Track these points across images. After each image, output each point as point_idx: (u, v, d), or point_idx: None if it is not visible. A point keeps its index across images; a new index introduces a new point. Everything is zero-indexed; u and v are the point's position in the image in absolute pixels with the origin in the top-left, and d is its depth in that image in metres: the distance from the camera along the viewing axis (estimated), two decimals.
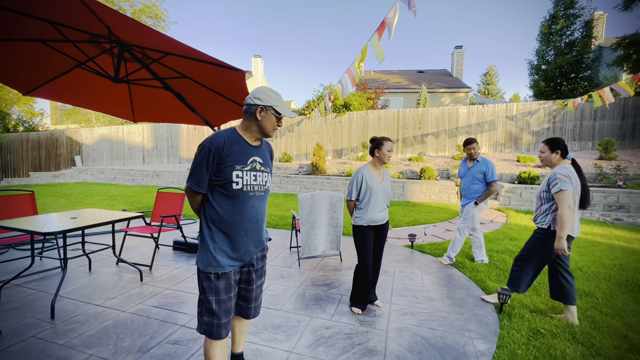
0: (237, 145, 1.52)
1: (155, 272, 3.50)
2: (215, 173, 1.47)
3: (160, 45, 2.71)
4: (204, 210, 1.55)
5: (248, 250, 1.58)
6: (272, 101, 1.54)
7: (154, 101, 3.89)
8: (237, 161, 1.50)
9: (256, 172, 1.57)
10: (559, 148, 2.63)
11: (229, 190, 1.49)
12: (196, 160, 1.47)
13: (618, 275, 3.59)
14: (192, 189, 1.50)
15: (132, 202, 8.18)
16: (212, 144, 1.45)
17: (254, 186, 1.55)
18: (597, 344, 2.25)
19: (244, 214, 1.54)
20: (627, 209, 7.05)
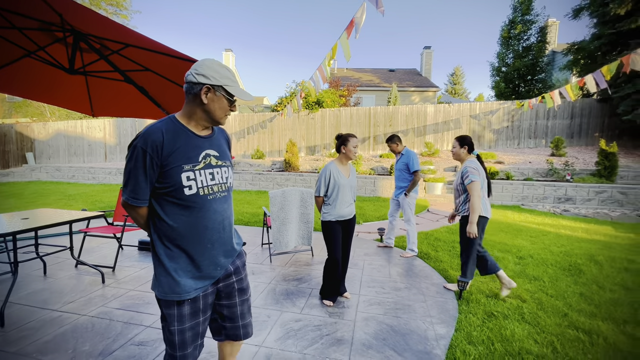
0: (182, 138, 1.19)
1: (119, 273, 3.36)
2: (158, 179, 1.16)
3: (120, 36, 2.59)
4: (154, 225, 1.22)
5: (217, 263, 1.29)
6: (222, 79, 1.20)
7: (115, 95, 3.71)
8: (185, 159, 1.18)
9: (212, 168, 1.26)
10: (466, 144, 3.02)
11: (180, 197, 1.18)
12: (128, 166, 1.14)
13: (563, 260, 3.95)
14: (129, 203, 1.17)
15: (93, 202, 7.72)
16: (147, 141, 1.11)
17: (212, 187, 1.25)
18: (542, 323, 2.49)
19: (207, 222, 1.24)
20: (573, 201, 7.74)
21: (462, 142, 3.05)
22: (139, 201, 1.17)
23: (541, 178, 8.91)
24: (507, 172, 8.73)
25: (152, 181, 1.16)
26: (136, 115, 4.29)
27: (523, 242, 4.72)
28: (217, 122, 1.27)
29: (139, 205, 1.19)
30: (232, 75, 1.24)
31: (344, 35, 4.38)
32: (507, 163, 10.14)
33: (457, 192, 3.05)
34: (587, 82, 6.75)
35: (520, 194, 8.07)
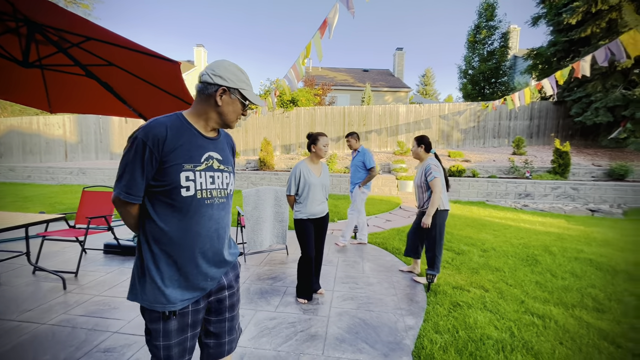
0: (186, 136, 1.14)
1: (83, 278, 3.19)
2: (155, 176, 1.09)
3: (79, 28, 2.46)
4: (143, 226, 1.14)
5: (207, 274, 1.20)
6: (239, 82, 1.18)
7: (75, 90, 3.51)
8: (187, 158, 1.12)
9: (213, 172, 1.19)
10: (423, 143, 3.23)
11: (176, 198, 1.10)
12: (125, 158, 1.07)
13: (522, 252, 4.25)
14: (121, 199, 1.09)
15: (52, 204, 7.23)
16: (149, 134, 1.06)
17: (211, 191, 1.18)
18: (501, 310, 2.67)
19: (200, 229, 1.15)
20: (532, 197, 8.30)
21: (419, 142, 3.25)
22: (132, 197, 1.09)
23: (504, 175, 9.48)
24: (473, 170, 9.20)
25: (148, 177, 1.09)
26: (100, 112, 4.07)
27: (487, 236, 5.01)
28: (228, 125, 1.24)
29: (132, 202, 1.10)
30: (247, 79, 1.22)
31: (317, 35, 4.42)
32: (474, 161, 10.67)
33: (420, 189, 3.22)
34: (544, 86, 7.26)
35: (485, 191, 8.55)
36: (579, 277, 3.44)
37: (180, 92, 3.16)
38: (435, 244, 3.09)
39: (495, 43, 17.44)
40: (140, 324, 2.33)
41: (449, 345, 2.16)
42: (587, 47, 10.45)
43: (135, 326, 2.32)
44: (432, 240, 3.11)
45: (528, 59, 13.87)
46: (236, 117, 1.23)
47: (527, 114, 12.62)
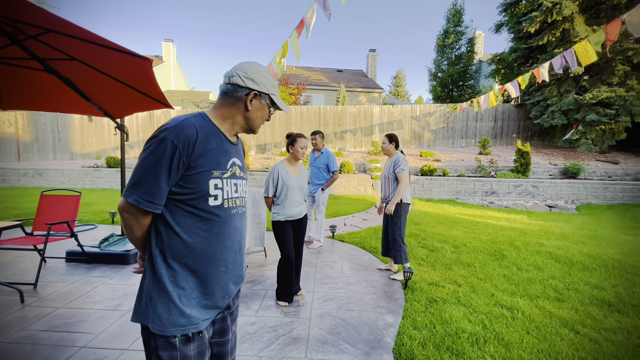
0: (214, 140, 1.06)
1: (43, 290, 2.95)
2: (179, 182, 0.99)
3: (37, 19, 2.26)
4: (159, 239, 1.02)
5: (228, 291, 1.11)
6: (271, 88, 1.14)
7: (32, 86, 3.23)
8: (215, 164, 1.04)
9: (237, 179, 1.14)
10: (393, 141, 3.45)
11: (202, 208, 1.02)
12: (149, 160, 0.94)
13: (490, 247, 4.49)
14: (138, 208, 0.96)
15: (4, 209, 6.61)
16: (180, 135, 0.96)
17: (235, 200, 1.12)
18: (474, 304, 2.81)
19: (226, 241, 1.08)
20: (497, 194, 8.80)
21: (390, 139, 3.46)
22: (154, 206, 0.97)
23: (472, 174, 9.97)
24: (444, 169, 9.59)
25: (171, 183, 0.98)
26: (60, 110, 3.79)
27: (458, 233, 5.25)
28: (252, 131, 1.19)
29: (154, 211, 0.98)
30: (275, 83, 1.18)
31: (294, 35, 4.39)
32: (444, 161, 11.13)
33: (387, 180, 3.40)
34: (507, 89, 7.73)
35: (455, 189, 8.94)
36: (541, 270, 3.70)
37: (151, 90, 3.02)
38: (399, 235, 3.30)
39: (463, 48, 18.30)
40: (112, 336, 2.20)
41: (427, 340, 2.24)
42: (544, 54, 11.25)
43: (106, 339, 2.18)
44: (397, 231, 3.30)
45: (492, 64, 14.70)
46: (262, 122, 1.18)
47: (491, 116, 13.35)
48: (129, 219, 0.99)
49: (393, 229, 3.35)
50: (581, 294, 3.07)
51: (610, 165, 10.42)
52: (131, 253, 3.62)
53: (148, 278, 1.02)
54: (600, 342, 2.28)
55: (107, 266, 3.54)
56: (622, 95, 9.81)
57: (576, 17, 10.33)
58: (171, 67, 22.64)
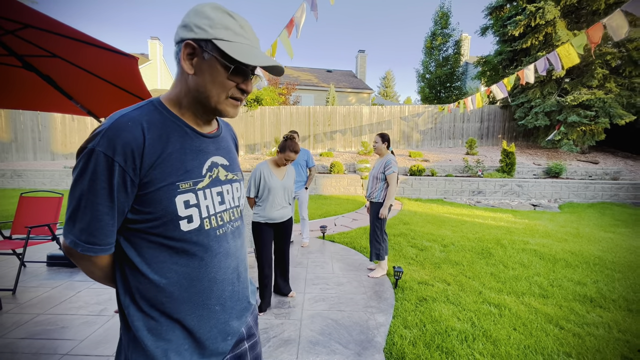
0: (174, 136, 0.76)
1: (22, 296, 2.83)
2: (133, 206, 0.72)
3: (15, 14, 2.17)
4: (124, 281, 0.76)
5: (228, 332, 0.84)
6: (214, 29, 0.71)
7: (9, 83, 3.10)
8: (181, 173, 0.75)
9: (221, 185, 0.84)
10: (386, 140, 3.47)
11: (173, 236, 0.74)
12: (79, 187, 0.67)
13: (478, 246, 4.58)
14: (77, 252, 0.70)
15: None
16: (114, 143, 0.67)
17: (221, 216, 0.83)
18: (462, 302, 2.85)
19: (216, 273, 0.81)
20: (484, 194, 8.98)
21: (383, 139, 3.47)
22: (98, 247, 0.70)
23: (459, 174, 10.14)
24: (432, 170, 9.72)
25: (122, 211, 0.71)
26: (40, 108, 3.66)
27: (446, 232, 5.32)
28: (216, 111, 0.79)
29: (98, 254, 0.71)
30: (235, 24, 0.73)
31: (284, 33, 4.37)
32: (432, 161, 11.28)
33: (375, 179, 3.43)
34: (493, 91, 7.89)
35: (443, 189, 9.07)
36: (527, 267, 3.78)
37: (137, 89, 2.95)
38: (380, 232, 3.37)
39: (450, 50, 18.61)
40: (97, 342, 2.13)
41: (418, 339, 2.26)
42: (528, 57, 11.54)
43: (90, 345, 2.11)
44: (378, 228, 3.37)
45: (478, 66, 15.00)
46: (223, 92, 0.75)
47: (478, 116, 13.62)
48: (77, 262, 0.74)
49: (372, 226, 3.42)
50: (565, 290, 3.15)
51: (590, 165, 10.78)
52: None
53: (123, 334, 0.77)
54: (584, 337, 2.34)
55: None
56: (601, 98, 10.17)
57: (558, 21, 10.64)
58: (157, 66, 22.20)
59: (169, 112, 0.77)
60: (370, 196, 3.47)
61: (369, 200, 3.51)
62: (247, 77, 0.77)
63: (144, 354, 0.73)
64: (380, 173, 3.37)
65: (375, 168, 3.47)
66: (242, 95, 0.79)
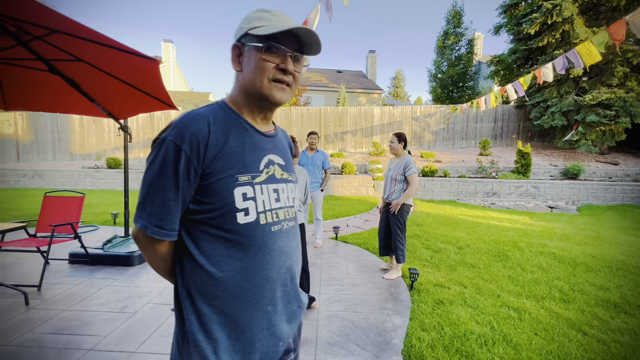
0: (235, 132, 0.80)
1: (47, 292, 2.93)
2: (195, 196, 0.76)
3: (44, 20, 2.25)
4: (182, 273, 0.79)
5: (279, 336, 0.83)
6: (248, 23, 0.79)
7: (36, 86, 3.22)
8: (241, 166, 0.78)
9: (277, 183, 0.86)
10: (402, 140, 3.44)
11: (230, 228, 0.76)
12: (149, 174, 0.73)
13: (494, 248, 4.49)
14: (147, 235, 0.75)
15: (5, 210, 6.58)
16: (183, 133, 0.72)
17: (277, 212, 0.84)
18: (480, 305, 2.80)
19: (269, 271, 0.81)
20: (498, 195, 8.82)
21: (399, 138, 3.44)
22: (165, 232, 0.74)
23: (472, 175, 9.98)
24: (445, 170, 9.60)
25: (184, 200, 0.75)
26: (63, 110, 3.78)
27: (461, 234, 5.25)
28: (262, 97, 0.81)
29: (164, 238, 0.75)
30: (268, 14, 0.80)
31: None
32: (444, 162, 11.14)
33: (394, 181, 3.40)
34: (508, 91, 7.74)
35: (456, 190, 8.95)
36: (546, 270, 3.70)
37: (156, 91, 3.01)
38: (402, 233, 3.36)
39: (462, 49, 18.36)
40: (119, 339, 2.18)
41: (436, 342, 2.23)
42: (544, 55, 11.28)
43: (113, 341, 2.16)
44: (401, 231, 3.35)
45: (491, 65, 14.74)
46: (264, 75, 0.78)
47: (491, 116, 13.38)
48: (142, 247, 0.79)
49: (394, 229, 3.38)
50: (587, 295, 3.07)
51: (610, 166, 10.45)
52: (135, 254, 3.60)
53: (177, 327, 0.80)
54: (608, 344, 2.28)
55: (111, 268, 3.52)
56: (622, 97, 9.85)
57: (576, 18, 10.37)
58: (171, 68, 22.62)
59: (231, 111, 0.83)
60: (388, 198, 3.45)
61: (386, 202, 3.49)
62: (282, 54, 0.79)
63: (196, 349, 0.75)
64: (399, 174, 3.34)
65: (392, 169, 3.44)
66: (285, 76, 0.80)
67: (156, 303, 2.74)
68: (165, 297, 2.85)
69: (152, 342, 2.16)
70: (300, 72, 0.83)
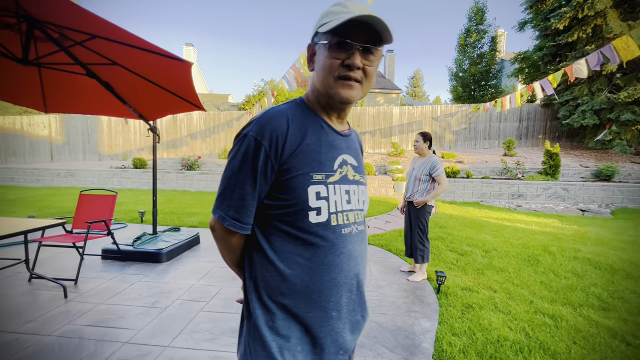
0: (313, 130, 0.80)
1: (83, 286, 3.06)
2: (270, 192, 0.76)
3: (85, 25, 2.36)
4: (251, 269, 0.81)
5: (343, 344, 0.81)
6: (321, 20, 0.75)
7: (73, 89, 3.38)
8: (316, 164, 0.77)
9: (349, 185, 0.84)
10: (428, 139, 3.42)
11: (302, 226, 0.75)
12: (230, 166, 0.76)
13: (522, 252, 4.32)
14: (223, 226, 0.78)
15: (41, 207, 6.95)
16: (264, 129, 0.73)
17: (347, 215, 0.81)
18: (512, 311, 2.70)
19: (337, 274, 0.78)
20: (525, 197, 8.49)
21: (425, 138, 3.43)
22: (241, 225, 0.76)
23: (496, 176, 9.67)
24: (467, 171, 9.35)
25: (260, 195, 0.76)
26: (96, 112, 3.95)
27: (486, 237, 5.08)
28: (329, 97, 0.78)
29: (239, 231, 0.77)
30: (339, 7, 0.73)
31: None
32: (466, 162, 10.85)
33: (417, 181, 3.35)
34: (536, 89, 7.45)
35: (479, 192, 8.69)
36: (581, 277, 3.52)
37: (187, 93, 3.09)
38: (425, 233, 3.32)
39: (485, 46, 17.83)
40: (153, 333, 2.25)
41: (468, 347, 2.17)
42: (574, 51, 10.78)
43: (147, 335, 2.23)
44: (422, 231, 3.31)
45: (515, 63, 14.23)
46: (331, 74, 0.74)
47: (516, 116, 12.93)
48: (216, 238, 0.82)
49: (416, 229, 3.34)
50: (628, 304, 2.89)
51: None
52: (163, 252, 3.71)
53: (245, 320, 0.81)
54: None
55: (141, 264, 3.64)
56: None
57: (609, 12, 9.85)
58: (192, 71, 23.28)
59: (308, 108, 0.83)
60: (411, 197, 3.39)
61: (408, 201, 3.43)
62: (348, 49, 0.73)
63: (261, 345, 0.75)
64: (424, 174, 3.29)
65: (416, 169, 3.38)
66: (350, 72, 0.74)
67: (185, 299, 2.81)
68: (192, 294, 2.92)
69: (184, 338, 2.21)
70: (372, 65, 0.76)
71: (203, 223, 5.72)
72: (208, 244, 4.45)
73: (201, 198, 8.53)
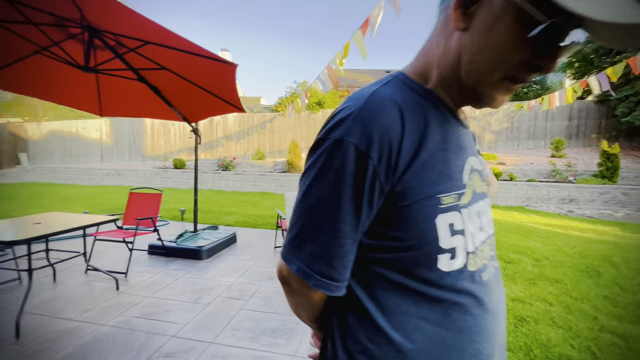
0: (435, 124, 0.51)
1: (132, 279, 3.24)
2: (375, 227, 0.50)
3: (140, 32, 2.49)
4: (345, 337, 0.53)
5: None
6: None
7: (124, 94, 3.60)
8: (445, 179, 0.50)
9: (478, 202, 0.56)
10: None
11: (426, 276, 0.49)
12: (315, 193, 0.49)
13: (579, 262, 3.94)
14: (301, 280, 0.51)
15: (94, 204, 7.54)
16: (372, 132, 0.45)
17: (483, 250, 0.55)
18: (573, 327, 2.45)
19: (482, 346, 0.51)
20: (577, 202, 7.79)
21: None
22: (334, 285, 0.50)
23: (543, 179, 8.97)
24: (510, 174, 8.77)
25: (361, 232, 0.49)
26: (144, 115, 4.19)
27: (535, 244, 4.71)
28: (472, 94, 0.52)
29: (333, 293, 0.51)
30: None
31: (358, 34, 4.33)
32: (509, 164, 10.19)
33: None
34: (591, 84, 6.80)
35: (524, 195, 8.11)
36: None
37: (229, 95, 3.16)
38: None
39: None
40: (197, 328, 2.31)
41: None
42: None
43: (192, 330, 2.30)
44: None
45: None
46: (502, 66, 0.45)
47: (565, 114, 11.94)
48: (291, 294, 0.57)
49: None
50: None
51: None
52: (203, 249, 3.83)
53: None
54: None
55: (183, 260, 3.79)
56: None
57: None
58: None
59: (422, 88, 0.53)
60: None
61: None
62: (556, 41, 0.42)
63: None
64: None
65: None
66: (530, 76, 0.46)
67: (225, 297, 2.87)
68: (232, 291, 2.97)
69: (227, 335, 2.24)
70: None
71: (239, 222, 5.87)
72: (244, 243, 4.54)
73: (236, 198, 8.81)
